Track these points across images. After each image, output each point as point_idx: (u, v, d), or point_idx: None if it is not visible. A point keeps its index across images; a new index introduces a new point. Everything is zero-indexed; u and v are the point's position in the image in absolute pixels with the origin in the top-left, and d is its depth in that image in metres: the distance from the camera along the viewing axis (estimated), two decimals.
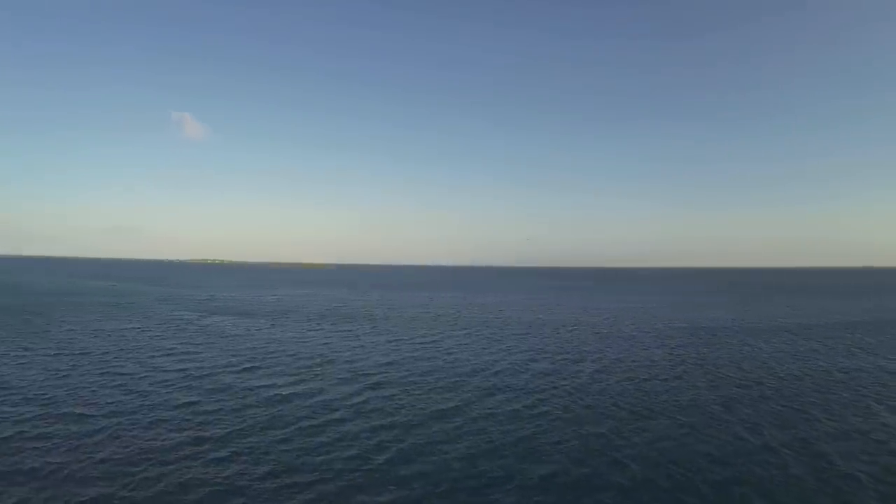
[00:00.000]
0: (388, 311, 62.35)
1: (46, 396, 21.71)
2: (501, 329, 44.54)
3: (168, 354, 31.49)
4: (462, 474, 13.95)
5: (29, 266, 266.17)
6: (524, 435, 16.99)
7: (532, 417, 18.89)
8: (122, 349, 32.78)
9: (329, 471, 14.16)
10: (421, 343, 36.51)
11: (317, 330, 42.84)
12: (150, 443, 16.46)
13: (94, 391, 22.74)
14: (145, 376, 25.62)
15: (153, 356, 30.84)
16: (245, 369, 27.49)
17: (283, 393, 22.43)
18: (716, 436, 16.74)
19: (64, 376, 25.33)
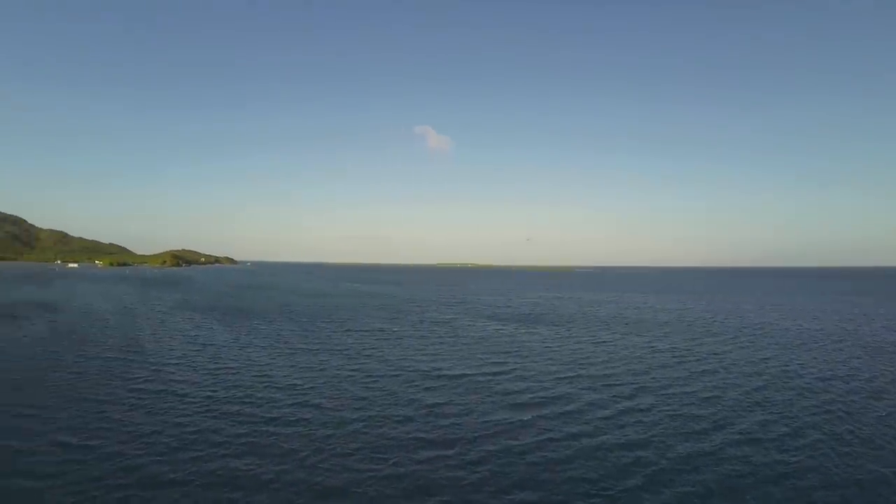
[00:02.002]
0: (641, 314, 60.26)
1: (300, 389, 22.59)
2: (757, 338, 40.86)
3: (416, 355, 31.41)
4: None
5: (285, 270, 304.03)
6: (788, 468, 14.85)
7: (800, 448, 16.45)
8: (371, 348, 34.09)
9: (573, 492, 13.00)
10: (674, 352, 34.63)
11: (567, 336, 41.89)
12: (393, 441, 16.27)
13: (343, 387, 23.15)
14: (397, 375, 25.64)
15: (402, 356, 31.14)
16: (493, 373, 26.23)
17: (532, 401, 21.48)
18: None
19: (318, 371, 26.40)
